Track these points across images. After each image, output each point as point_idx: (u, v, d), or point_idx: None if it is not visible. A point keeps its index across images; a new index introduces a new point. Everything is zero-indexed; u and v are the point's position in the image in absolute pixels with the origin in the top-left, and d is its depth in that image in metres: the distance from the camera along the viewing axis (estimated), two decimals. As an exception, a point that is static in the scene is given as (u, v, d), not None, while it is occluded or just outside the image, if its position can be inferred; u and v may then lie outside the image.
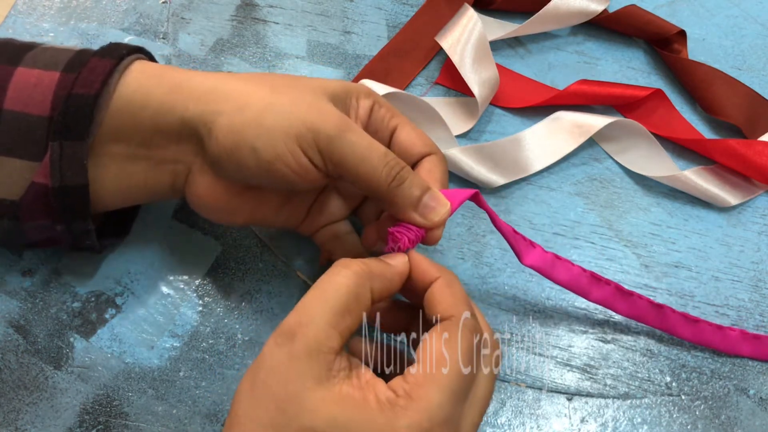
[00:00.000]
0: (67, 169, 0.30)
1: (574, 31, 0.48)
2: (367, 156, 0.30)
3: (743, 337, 0.38)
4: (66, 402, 0.35)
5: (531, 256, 0.35)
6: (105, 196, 0.32)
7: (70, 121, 0.30)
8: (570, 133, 0.43)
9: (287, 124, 0.30)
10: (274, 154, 0.30)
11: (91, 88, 0.30)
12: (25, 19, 0.44)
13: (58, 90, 0.30)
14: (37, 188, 0.30)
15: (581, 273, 0.36)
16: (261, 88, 0.31)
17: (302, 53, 0.45)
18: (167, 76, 0.31)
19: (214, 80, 0.31)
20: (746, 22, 0.49)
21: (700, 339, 0.38)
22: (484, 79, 0.43)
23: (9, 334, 0.36)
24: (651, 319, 0.37)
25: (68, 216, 0.31)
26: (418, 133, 0.34)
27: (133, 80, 0.31)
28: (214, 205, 0.33)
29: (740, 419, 0.37)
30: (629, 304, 0.36)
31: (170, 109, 0.31)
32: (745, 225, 0.43)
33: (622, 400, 0.37)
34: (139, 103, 0.31)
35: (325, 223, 0.36)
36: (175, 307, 0.38)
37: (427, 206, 0.31)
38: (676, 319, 0.37)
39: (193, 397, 0.36)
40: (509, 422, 0.37)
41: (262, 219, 0.34)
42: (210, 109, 0.30)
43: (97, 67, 0.31)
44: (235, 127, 0.30)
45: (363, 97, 0.33)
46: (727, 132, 0.45)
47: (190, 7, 0.46)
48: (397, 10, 0.47)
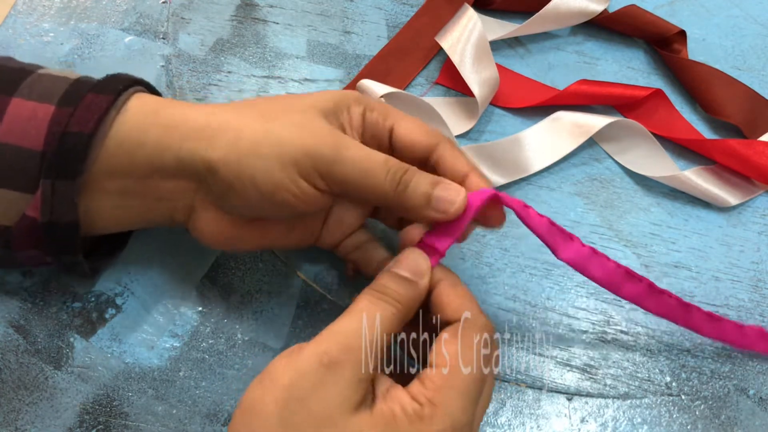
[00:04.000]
0: (57, 206, 0.30)
1: (574, 31, 0.48)
2: (368, 168, 0.29)
3: (762, 335, 0.38)
4: (66, 402, 0.35)
5: (568, 250, 0.33)
6: (98, 226, 0.32)
7: (63, 160, 0.29)
8: (570, 133, 0.43)
9: (283, 152, 0.29)
10: (273, 185, 0.29)
11: (86, 126, 0.29)
12: (25, 19, 0.44)
13: (52, 125, 0.30)
14: (28, 221, 0.30)
15: (616, 269, 0.34)
16: (252, 117, 0.30)
17: (302, 53, 0.45)
18: (163, 113, 0.31)
19: (206, 115, 0.31)
20: (746, 22, 0.49)
21: (721, 336, 0.37)
22: (484, 79, 0.43)
23: (9, 334, 0.36)
24: (678, 317, 0.36)
25: (56, 250, 0.31)
26: (415, 123, 0.33)
27: (130, 117, 0.30)
28: (219, 239, 0.33)
29: (740, 419, 0.37)
30: (659, 302, 0.35)
31: (166, 148, 0.30)
32: (745, 225, 0.43)
33: (622, 400, 0.37)
34: (135, 141, 0.30)
35: (343, 235, 0.35)
36: (175, 307, 0.38)
37: (439, 199, 0.30)
38: (702, 318, 0.36)
39: (193, 397, 0.36)
40: (509, 422, 0.37)
41: (271, 244, 0.34)
42: (204, 146, 0.30)
43: (92, 104, 0.30)
44: (232, 161, 0.29)
45: (354, 105, 0.32)
46: (727, 132, 0.45)
47: (190, 7, 0.46)
48: (397, 10, 0.47)
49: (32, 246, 0.31)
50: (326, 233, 0.35)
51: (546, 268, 0.40)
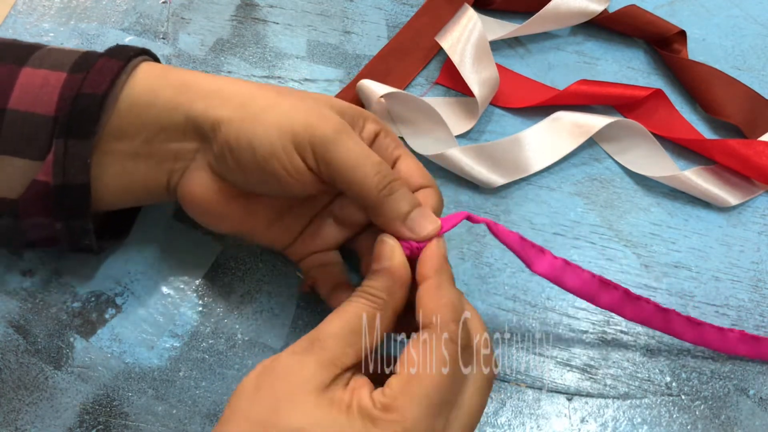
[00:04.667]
0: (70, 167, 0.30)
1: (574, 31, 0.48)
2: (362, 162, 0.30)
3: (742, 338, 0.38)
4: (66, 402, 0.35)
5: (541, 264, 0.34)
6: (105, 195, 0.32)
7: (76, 120, 0.30)
8: (570, 133, 0.43)
9: (285, 121, 0.30)
10: (269, 151, 0.30)
11: (99, 88, 0.30)
12: (25, 19, 0.44)
13: (64, 90, 0.30)
14: (38, 186, 0.31)
15: (590, 278, 0.35)
16: (267, 91, 0.32)
17: (302, 53, 0.45)
18: (174, 75, 0.32)
19: (221, 82, 0.32)
20: (746, 22, 0.49)
21: (702, 342, 0.37)
22: (484, 79, 0.43)
23: (9, 334, 0.36)
24: (657, 323, 0.36)
25: (67, 213, 0.31)
26: (418, 165, 0.34)
27: (141, 80, 0.31)
28: (204, 205, 0.33)
29: (740, 419, 0.37)
30: (637, 309, 0.36)
31: (176, 107, 0.31)
32: (745, 225, 0.43)
33: (622, 400, 0.37)
34: (145, 102, 0.31)
35: (316, 249, 0.35)
36: (175, 307, 0.38)
37: (414, 220, 0.30)
38: (681, 323, 0.37)
39: (193, 397, 0.36)
40: (509, 422, 0.37)
41: (250, 230, 0.34)
42: (215, 105, 0.31)
43: (104, 67, 0.31)
44: (236, 122, 0.30)
45: (371, 122, 0.33)
46: (727, 132, 0.45)
47: (190, 7, 0.46)
48: (397, 10, 0.47)
49: (41, 211, 0.31)
50: (300, 242, 0.35)
51: (546, 268, 0.40)
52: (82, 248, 0.34)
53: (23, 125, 0.31)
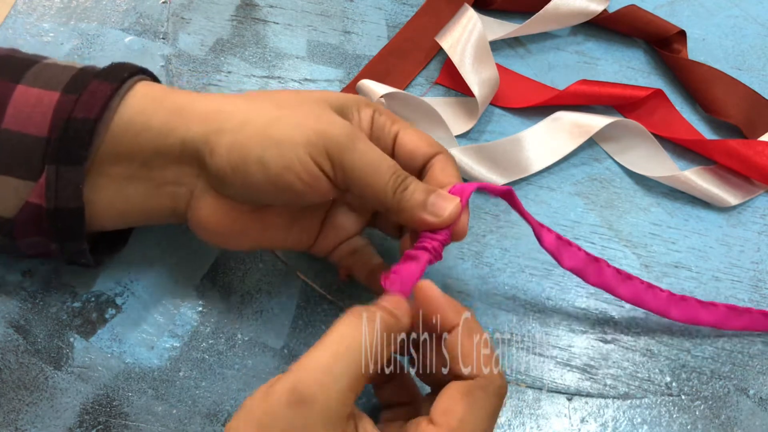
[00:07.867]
0: (62, 192, 0.30)
1: (574, 31, 0.48)
2: (378, 167, 0.30)
3: (670, 299, 0.37)
4: (66, 402, 0.35)
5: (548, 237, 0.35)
6: (101, 218, 0.32)
7: (67, 145, 0.29)
8: (570, 133, 0.43)
9: (297, 133, 0.29)
10: (283, 165, 0.29)
11: (91, 112, 0.30)
12: (25, 19, 0.44)
13: (57, 112, 0.30)
14: (32, 208, 0.30)
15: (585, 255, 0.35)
16: (265, 104, 0.31)
17: (302, 53, 0.45)
18: (169, 98, 0.31)
19: (217, 102, 0.31)
20: (746, 22, 0.49)
21: (634, 298, 0.37)
22: (484, 79, 0.43)
23: (9, 334, 0.36)
24: (591, 276, 0.36)
25: (62, 236, 0.31)
26: (420, 134, 0.33)
27: (135, 103, 0.31)
28: (218, 229, 0.32)
29: (740, 419, 0.37)
30: (598, 272, 0.36)
31: (171, 131, 0.30)
32: (745, 225, 0.43)
33: (622, 400, 0.37)
34: (139, 125, 0.30)
35: (340, 240, 0.35)
36: (175, 307, 0.38)
37: (435, 205, 0.30)
38: (611, 274, 0.36)
39: (193, 397, 0.36)
40: (509, 422, 0.37)
41: (271, 241, 0.34)
42: (212, 128, 0.30)
43: (97, 90, 0.30)
44: (239, 142, 0.29)
45: (363, 107, 0.33)
46: (727, 132, 0.45)
47: (190, 7, 0.46)
48: (397, 10, 0.47)
49: (36, 233, 0.31)
50: (323, 238, 0.35)
51: (546, 269, 0.40)
52: (79, 264, 0.34)
53: (16, 145, 0.30)
